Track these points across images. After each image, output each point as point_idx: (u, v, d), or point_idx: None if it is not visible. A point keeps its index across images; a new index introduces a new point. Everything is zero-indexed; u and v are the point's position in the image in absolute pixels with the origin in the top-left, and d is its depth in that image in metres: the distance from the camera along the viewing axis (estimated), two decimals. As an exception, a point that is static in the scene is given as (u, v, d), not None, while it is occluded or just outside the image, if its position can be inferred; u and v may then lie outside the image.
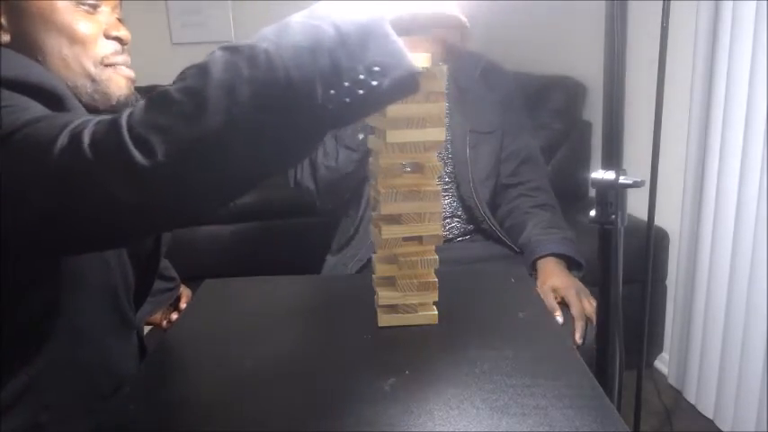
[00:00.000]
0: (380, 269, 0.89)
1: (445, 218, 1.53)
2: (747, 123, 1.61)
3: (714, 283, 1.77)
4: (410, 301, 0.89)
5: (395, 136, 0.81)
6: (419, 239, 0.87)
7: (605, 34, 0.89)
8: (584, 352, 0.97)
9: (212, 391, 0.74)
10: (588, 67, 2.48)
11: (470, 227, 1.54)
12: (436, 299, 0.90)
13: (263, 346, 0.86)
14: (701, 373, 1.85)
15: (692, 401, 1.91)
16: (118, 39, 0.87)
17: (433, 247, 0.88)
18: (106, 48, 0.86)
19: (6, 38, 0.80)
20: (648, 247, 0.98)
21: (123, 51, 0.88)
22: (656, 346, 2.17)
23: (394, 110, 0.80)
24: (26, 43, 0.81)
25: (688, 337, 1.91)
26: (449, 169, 1.54)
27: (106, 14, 0.87)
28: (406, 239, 0.86)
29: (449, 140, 1.53)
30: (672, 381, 2.04)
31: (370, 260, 1.45)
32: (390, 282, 0.89)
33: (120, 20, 0.90)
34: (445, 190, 1.53)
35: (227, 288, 1.10)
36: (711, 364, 1.80)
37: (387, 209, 0.84)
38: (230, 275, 1.14)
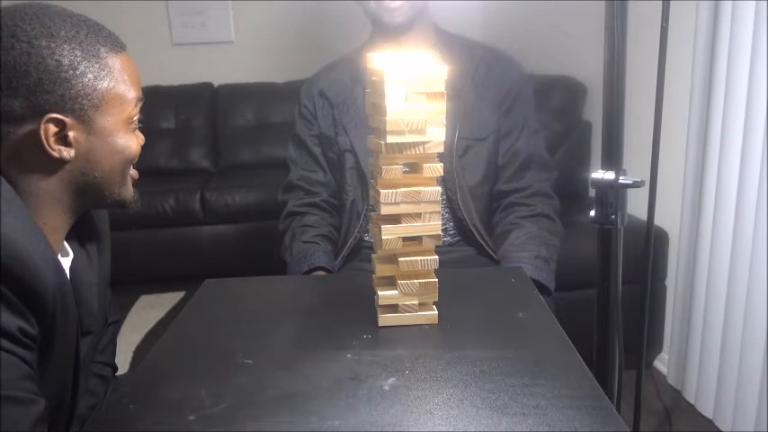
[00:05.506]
0: (380, 269, 0.89)
1: None
2: (747, 123, 1.61)
3: (714, 283, 1.77)
4: (410, 301, 0.89)
5: (395, 137, 0.81)
6: (419, 240, 0.87)
7: (605, 34, 0.89)
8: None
9: (212, 391, 0.74)
10: (588, 67, 2.48)
11: (462, 242, 1.47)
12: (436, 299, 0.90)
13: (263, 345, 0.86)
14: (700, 373, 1.85)
15: (692, 401, 1.90)
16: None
17: (433, 248, 0.88)
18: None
19: (71, 154, 0.79)
20: (648, 247, 0.98)
21: None
22: (655, 346, 2.17)
23: (394, 111, 0.80)
24: (87, 161, 0.81)
25: (687, 337, 1.91)
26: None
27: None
28: (405, 239, 0.86)
29: None
30: (671, 381, 2.04)
31: (350, 255, 1.44)
32: (390, 282, 0.90)
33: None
34: None
35: (227, 288, 1.10)
36: (711, 364, 1.80)
37: (386, 209, 0.85)
38: (230, 275, 1.14)
